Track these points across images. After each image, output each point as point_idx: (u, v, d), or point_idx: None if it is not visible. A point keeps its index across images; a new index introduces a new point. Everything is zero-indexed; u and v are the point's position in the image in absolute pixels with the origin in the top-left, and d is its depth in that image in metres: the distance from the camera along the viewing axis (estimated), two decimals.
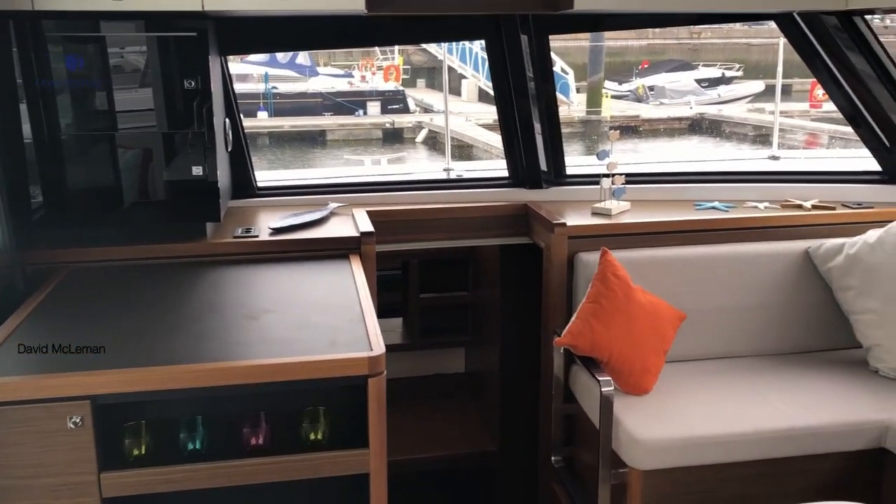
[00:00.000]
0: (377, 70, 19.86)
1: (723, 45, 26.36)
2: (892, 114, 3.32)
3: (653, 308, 2.86)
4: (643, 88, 21.83)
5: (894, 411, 2.67)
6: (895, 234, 2.97)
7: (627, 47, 26.12)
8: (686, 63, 24.53)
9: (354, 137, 18.31)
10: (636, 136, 19.19)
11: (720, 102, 21.26)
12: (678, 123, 20.14)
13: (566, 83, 18.92)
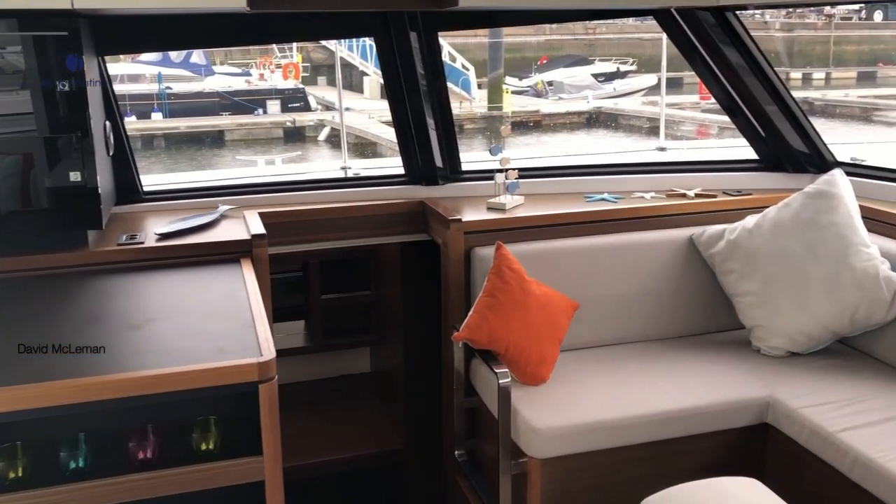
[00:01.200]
0: (276, 68, 19.50)
1: (617, 41, 27.15)
2: (766, 105, 3.50)
3: (547, 299, 2.92)
4: (542, 84, 22.28)
5: (775, 388, 2.81)
6: (771, 220, 3.14)
7: (526, 43, 26.56)
8: (583, 58, 25.18)
9: (254, 137, 17.93)
10: (538, 131, 19.56)
11: (616, 96, 21.93)
12: (577, 117, 20.65)
13: (467, 79, 19.12)
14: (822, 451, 2.55)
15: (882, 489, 2.33)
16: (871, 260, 2.93)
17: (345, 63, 19.51)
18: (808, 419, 2.62)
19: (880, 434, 2.47)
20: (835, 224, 3.00)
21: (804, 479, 2.66)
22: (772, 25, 26.00)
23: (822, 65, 26.57)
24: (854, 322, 2.94)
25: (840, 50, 26.99)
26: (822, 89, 23.95)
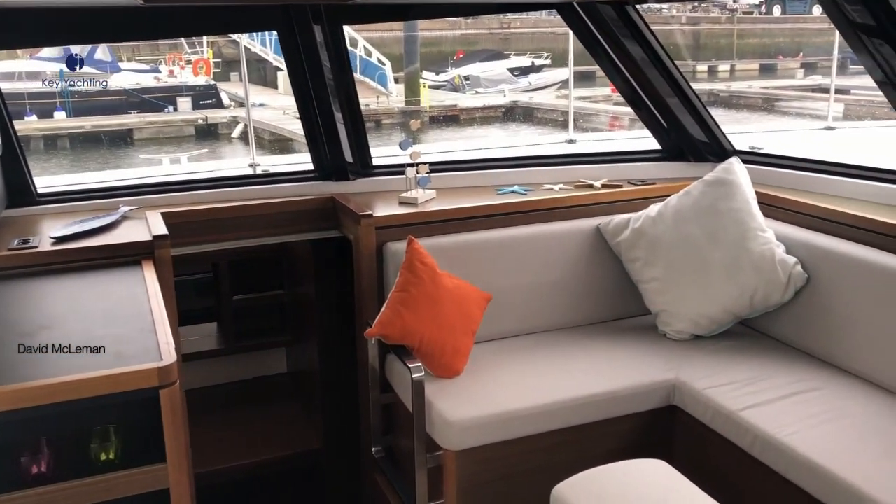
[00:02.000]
0: (186, 64, 18.95)
1: (531, 35, 27.50)
2: (667, 97, 3.60)
3: (460, 292, 2.93)
4: (459, 78, 22.37)
5: (680, 371, 2.90)
6: (673, 207, 3.23)
7: (442, 38, 26.61)
8: (498, 52, 25.39)
9: (165, 136, 17.39)
10: (456, 125, 19.64)
11: (531, 90, 22.20)
12: (494, 111, 20.81)
13: (384, 74, 19.01)
14: (725, 430, 2.64)
15: (780, 464, 2.43)
16: (768, 244, 3.06)
17: (258, 58, 19.15)
18: (711, 400, 2.72)
19: (778, 411, 2.58)
20: (733, 210, 3.11)
21: (709, 458, 2.76)
22: (678, 20, 26.80)
23: (727, 58, 27.54)
24: (753, 304, 3.06)
25: (743, 43, 28.04)
26: (727, 81, 24.84)
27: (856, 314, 2.82)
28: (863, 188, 3.20)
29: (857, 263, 2.85)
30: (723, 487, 2.66)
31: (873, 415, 2.54)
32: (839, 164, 3.45)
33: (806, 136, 8.75)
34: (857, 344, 2.81)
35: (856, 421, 2.50)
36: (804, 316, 3.02)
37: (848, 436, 2.42)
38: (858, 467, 2.24)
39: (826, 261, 2.97)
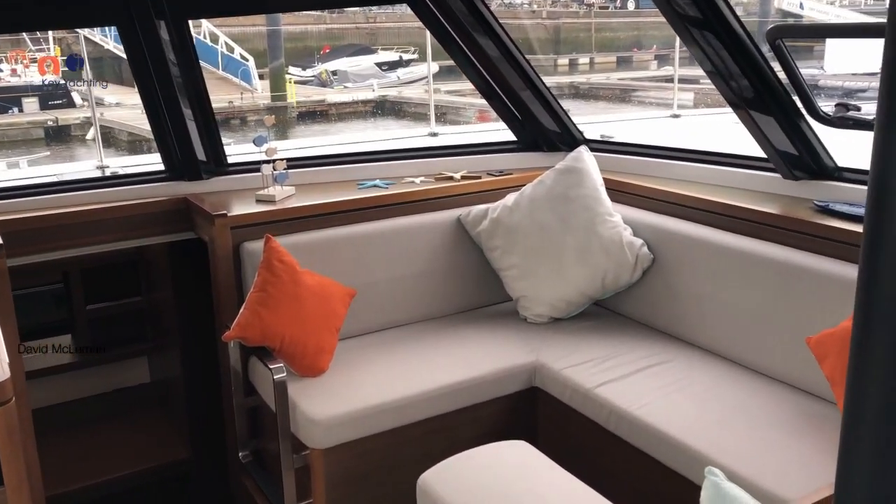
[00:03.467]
0: (31, 62, 17.74)
1: (398, 30, 27.56)
2: (519, 91, 3.69)
3: (322, 289, 2.91)
4: (326, 73, 22.11)
5: (540, 353, 3.01)
6: (528, 196, 3.33)
7: (307, 32, 26.20)
8: (366, 47, 25.25)
9: (10, 139, 16.24)
10: (325, 121, 19.41)
11: (400, 84, 22.24)
12: (363, 106, 20.72)
13: (247, 70, 18.51)
14: (583, 407, 2.76)
15: (633, 436, 2.57)
16: (616, 227, 3.21)
17: (113, 55, 18.16)
18: (569, 379, 2.83)
19: (630, 386, 2.72)
20: (583, 197, 3.25)
21: (570, 435, 2.88)
22: (539, 14, 27.60)
23: (586, 51, 28.61)
24: (605, 285, 3.21)
25: (601, 37, 29.19)
26: (587, 73, 25.82)
27: (698, 290, 3.01)
28: (703, 172, 3.42)
29: (698, 243, 3.04)
30: (584, 462, 2.78)
31: (715, 383, 2.72)
32: (681, 149, 3.67)
33: (654, 124, 9.26)
34: (699, 318, 3.00)
35: (700, 390, 2.67)
36: (652, 294, 3.19)
37: (693, 405, 2.58)
38: (702, 433, 2.40)
39: (670, 241, 3.15)
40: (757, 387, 2.68)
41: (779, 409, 2.54)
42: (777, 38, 2.59)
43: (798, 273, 2.67)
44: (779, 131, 2.93)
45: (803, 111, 2.85)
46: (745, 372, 2.79)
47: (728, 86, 2.92)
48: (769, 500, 2.06)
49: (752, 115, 2.93)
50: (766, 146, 3.00)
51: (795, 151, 2.98)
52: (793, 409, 2.54)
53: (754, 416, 2.49)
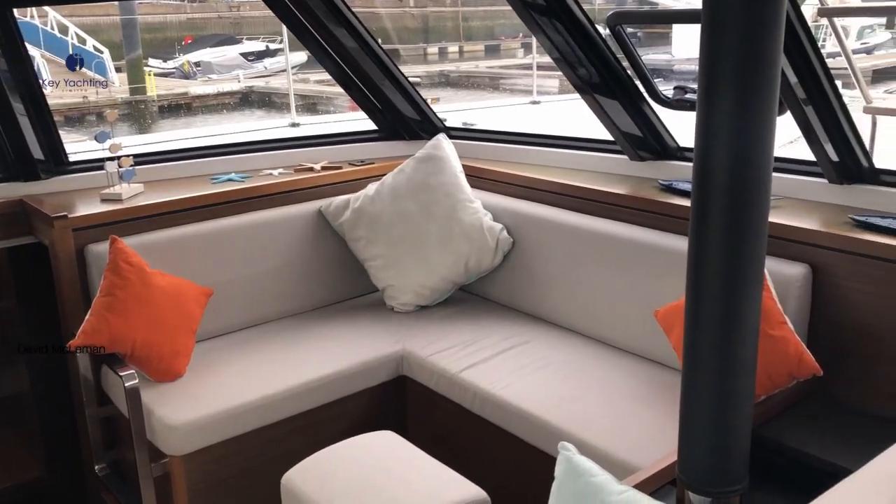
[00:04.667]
0: None
1: (263, 19, 26.81)
2: (377, 80, 3.66)
3: (175, 289, 2.79)
4: (189, 64, 21.25)
5: (406, 341, 3.01)
6: (389, 185, 3.32)
7: (166, 22, 25.08)
8: (230, 37, 24.44)
9: None
10: (188, 114, 18.67)
11: (268, 75, 21.69)
12: (229, 98, 20.07)
13: (102, 63, 17.47)
14: (449, 392, 2.79)
15: (496, 416, 2.62)
16: (476, 213, 3.25)
17: None
18: (435, 365, 2.85)
19: (493, 368, 2.77)
20: (443, 184, 3.27)
21: (438, 421, 2.90)
22: (406, 3, 27.59)
23: (455, 40, 28.88)
24: (468, 270, 3.25)
25: (468, 26, 29.55)
26: (456, 62, 26.08)
27: (556, 271, 3.10)
28: (558, 156, 3.51)
29: (554, 225, 3.13)
30: (453, 446, 2.81)
31: (573, 360, 2.81)
32: (537, 135, 3.76)
33: (517, 110, 9.47)
34: (558, 298, 3.09)
35: (559, 367, 2.75)
36: (513, 277, 3.26)
37: (552, 382, 2.65)
38: (560, 409, 2.48)
39: (528, 225, 3.22)
40: (613, 361, 2.79)
41: (633, 380, 2.65)
42: (616, 23, 2.68)
43: (646, 250, 2.79)
44: (624, 114, 3.05)
45: (645, 95, 2.98)
46: (602, 347, 2.90)
47: (574, 72, 3.00)
48: (623, 469, 2.15)
49: (598, 99, 3.04)
50: (612, 129, 3.11)
51: (640, 133, 3.11)
52: (646, 379, 2.66)
53: (610, 390, 2.59)
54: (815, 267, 2.44)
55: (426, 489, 2.15)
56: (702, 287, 1.67)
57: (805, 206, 2.69)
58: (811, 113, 2.49)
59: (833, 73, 2.51)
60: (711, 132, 1.58)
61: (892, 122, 7.25)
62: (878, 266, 2.31)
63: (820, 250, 2.44)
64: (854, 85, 3.44)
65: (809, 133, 2.55)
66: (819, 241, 2.44)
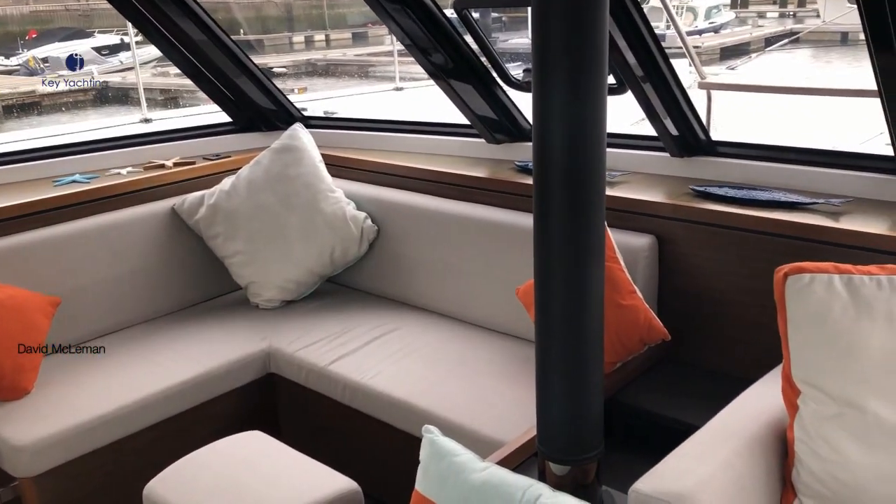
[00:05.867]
0: None
1: (116, 11, 25.43)
2: (228, 70, 3.52)
3: (15, 301, 2.60)
4: (35, 60, 19.88)
5: (273, 338, 2.95)
6: (245, 179, 3.23)
7: (6, 16, 23.37)
8: (81, 30, 23.05)
9: None
10: (37, 113, 17.49)
11: (124, 69, 20.63)
12: (83, 95, 18.94)
13: None
14: (319, 386, 2.75)
15: (367, 405, 2.61)
16: (338, 203, 3.21)
17: None
18: (304, 360, 2.81)
19: (362, 357, 2.76)
20: (302, 175, 3.21)
21: (311, 415, 2.86)
22: None
23: (321, 28, 28.44)
24: (334, 261, 3.21)
25: (334, 13, 29.16)
26: (323, 50, 25.70)
27: (421, 256, 3.11)
28: (418, 142, 3.52)
29: (417, 211, 3.13)
30: (328, 441, 2.79)
31: (441, 343, 2.83)
32: (398, 122, 3.75)
33: (381, 97, 9.44)
34: (425, 283, 3.11)
35: (427, 352, 2.77)
36: (380, 265, 3.25)
37: (420, 366, 2.67)
38: (427, 393, 2.50)
39: (392, 212, 3.22)
40: (480, 341, 2.84)
41: (499, 358, 2.70)
42: (462, 8, 2.71)
43: (506, 230, 2.84)
44: (478, 98, 3.09)
45: (497, 78, 3.03)
46: (470, 328, 2.94)
47: (427, 58, 3.01)
48: (490, 446, 2.18)
49: (452, 84, 3.06)
50: (467, 113, 3.15)
51: (495, 116, 3.16)
52: (511, 356, 2.72)
53: (476, 369, 2.63)
54: (661, 237, 2.56)
55: (295, 486, 2.11)
56: (547, 262, 1.72)
57: (650, 179, 2.81)
58: (650, 90, 2.61)
59: (682, 52, 2.64)
60: (546, 112, 1.62)
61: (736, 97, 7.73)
62: (717, 233, 2.45)
63: (664, 221, 2.56)
64: (714, 62, 3.61)
65: (650, 110, 2.67)
66: (663, 213, 2.56)
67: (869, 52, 2.11)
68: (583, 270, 1.68)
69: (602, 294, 1.74)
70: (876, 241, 2.15)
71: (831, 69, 12.11)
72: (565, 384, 1.77)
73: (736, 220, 2.40)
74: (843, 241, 2.20)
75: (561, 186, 1.64)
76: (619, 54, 2.50)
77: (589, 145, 1.61)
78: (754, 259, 2.33)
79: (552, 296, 1.73)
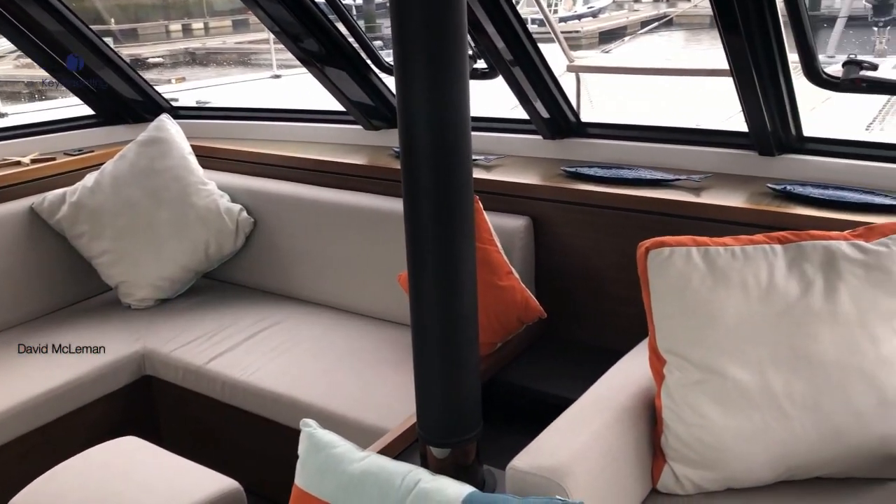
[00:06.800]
0: None
1: None
2: (89, 62, 3.32)
3: None
4: None
5: (147, 339, 2.83)
6: (109, 174, 3.07)
7: None
8: None
9: None
10: None
11: None
12: None
13: None
14: (198, 385, 2.66)
15: (248, 403, 2.54)
16: (211, 196, 3.11)
17: None
18: (180, 360, 2.71)
19: (242, 354, 2.69)
20: (170, 168, 3.08)
21: (191, 417, 2.77)
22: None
23: (199, 15, 27.43)
24: (209, 256, 3.11)
25: (212, 0, 28.18)
26: (202, 38, 24.81)
27: (301, 247, 3.05)
28: (295, 130, 3.45)
29: (295, 201, 3.07)
30: (211, 441, 2.71)
31: (324, 335, 2.79)
32: (273, 110, 3.66)
33: (258, 85, 9.22)
34: (306, 274, 3.05)
35: (310, 345, 2.73)
36: (259, 258, 3.17)
37: (302, 360, 2.62)
38: (311, 386, 2.46)
39: (269, 203, 3.14)
40: (363, 330, 2.81)
41: (383, 346, 2.69)
42: None
43: (385, 217, 2.82)
44: (352, 84, 3.05)
45: (370, 63, 3.00)
46: (353, 317, 2.91)
47: (297, 45, 2.94)
48: (375, 435, 2.17)
49: (325, 71, 3.00)
50: (342, 100, 3.10)
51: (371, 102, 3.13)
52: (395, 343, 2.71)
53: (360, 358, 2.61)
54: (536, 218, 2.61)
55: (173, 490, 2.03)
56: (418, 247, 1.72)
57: (524, 162, 2.86)
58: (520, 74, 2.64)
59: (566, 36, 2.68)
60: (409, 97, 1.61)
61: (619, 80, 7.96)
62: (587, 211, 2.52)
63: (538, 202, 2.61)
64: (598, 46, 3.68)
65: (521, 93, 2.70)
66: (537, 194, 2.61)
67: (720, 34, 2.22)
68: (454, 253, 1.69)
69: (474, 276, 1.75)
70: (734, 214, 2.27)
71: (701, 50, 12.68)
72: (441, 367, 1.78)
73: (604, 198, 2.47)
74: (704, 215, 2.30)
75: (428, 169, 1.63)
76: (487, 39, 2.52)
77: (453, 127, 1.61)
78: (622, 236, 2.41)
79: (424, 279, 1.73)
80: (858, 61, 2.18)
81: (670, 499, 1.83)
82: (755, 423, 1.74)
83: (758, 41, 2.18)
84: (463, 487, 1.56)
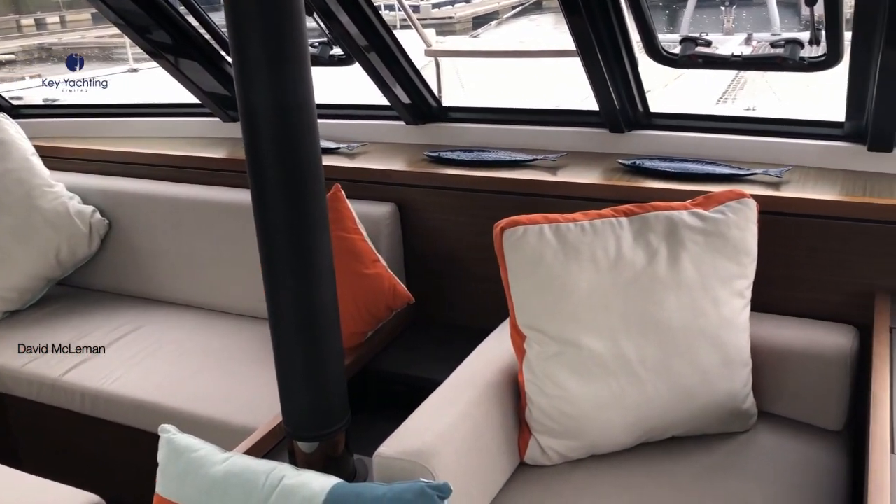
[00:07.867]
0: None
1: None
2: None
3: None
4: None
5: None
6: None
7: None
8: None
9: None
10: None
11: None
12: None
13: None
14: (55, 399, 2.52)
15: (111, 413, 2.43)
16: (59, 198, 2.93)
17: None
18: (33, 374, 2.55)
19: (101, 363, 2.56)
20: (11, 170, 2.88)
21: (49, 433, 2.62)
22: None
23: (55, 9, 25.87)
24: (61, 262, 2.94)
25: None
26: (59, 33, 23.40)
27: (161, 247, 2.93)
28: (148, 126, 3.30)
29: (153, 199, 2.94)
30: (73, 456, 2.57)
31: (189, 337, 2.69)
32: (123, 105, 3.49)
33: (114, 80, 8.78)
34: (168, 275, 2.93)
35: (173, 348, 2.62)
36: (116, 261, 3.02)
37: (166, 364, 2.52)
38: (176, 391, 2.37)
39: (124, 203, 3.00)
40: (230, 328, 2.73)
41: (250, 344, 2.62)
42: None
43: (248, 212, 2.71)
44: (205, 74, 2.94)
45: (222, 52, 2.90)
46: (218, 316, 2.82)
47: (144, 38, 2.81)
48: (241, 435, 2.11)
49: (176, 62, 2.88)
50: (196, 91, 2.99)
51: (227, 92, 3.03)
52: (263, 340, 2.56)
53: (227, 357, 2.54)
54: (401, 204, 2.60)
55: None
56: (270, 239, 1.68)
57: (389, 148, 2.84)
58: (376, 60, 2.62)
59: (429, 24, 2.66)
60: (247, 83, 1.56)
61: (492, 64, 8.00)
62: (451, 195, 2.53)
63: (403, 188, 2.60)
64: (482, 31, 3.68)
65: (379, 79, 2.68)
66: (401, 180, 2.60)
67: (564, 16, 2.27)
68: (307, 243, 1.65)
69: (331, 264, 1.72)
70: (586, 190, 2.33)
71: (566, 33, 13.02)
72: (302, 359, 1.75)
73: (466, 181, 2.49)
74: (560, 193, 2.36)
75: (273, 157, 1.59)
76: (340, 27, 2.48)
77: (296, 111, 1.57)
78: (484, 217, 2.41)
79: (279, 273, 1.69)
80: (694, 38, 2.28)
81: (538, 470, 1.88)
82: (612, 389, 1.81)
83: (600, 22, 2.24)
84: (328, 480, 1.55)
